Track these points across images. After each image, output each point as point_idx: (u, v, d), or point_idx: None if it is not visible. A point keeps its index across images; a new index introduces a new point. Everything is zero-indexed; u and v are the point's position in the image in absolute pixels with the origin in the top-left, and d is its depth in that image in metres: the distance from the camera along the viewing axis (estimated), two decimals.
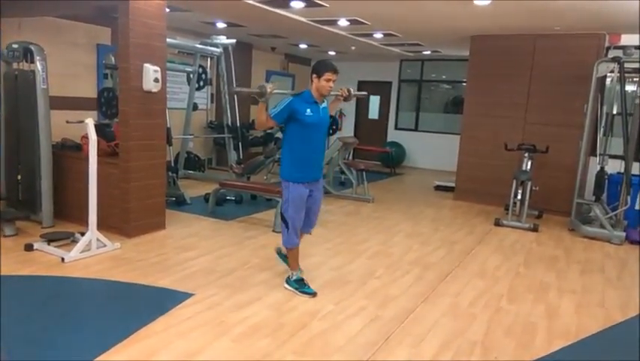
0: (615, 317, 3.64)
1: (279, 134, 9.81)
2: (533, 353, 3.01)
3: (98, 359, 2.66)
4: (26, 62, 4.86)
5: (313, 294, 3.66)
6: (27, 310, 3.20)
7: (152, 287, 3.69)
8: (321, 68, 3.50)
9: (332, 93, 3.75)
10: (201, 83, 8.02)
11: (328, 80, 3.47)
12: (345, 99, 3.89)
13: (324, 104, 3.62)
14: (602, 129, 6.28)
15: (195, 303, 3.43)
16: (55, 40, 6.40)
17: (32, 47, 4.81)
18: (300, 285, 3.71)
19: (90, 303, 3.52)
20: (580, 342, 3.20)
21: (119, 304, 3.44)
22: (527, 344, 3.12)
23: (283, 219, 3.65)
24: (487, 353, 2.98)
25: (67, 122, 4.49)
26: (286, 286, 3.76)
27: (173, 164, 7.02)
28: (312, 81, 3.54)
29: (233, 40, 7.90)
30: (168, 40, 5.47)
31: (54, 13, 6.22)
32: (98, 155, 4.37)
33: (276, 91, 3.58)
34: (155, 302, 3.45)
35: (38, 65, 4.80)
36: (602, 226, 5.78)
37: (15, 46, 4.86)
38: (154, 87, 4.78)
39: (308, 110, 3.47)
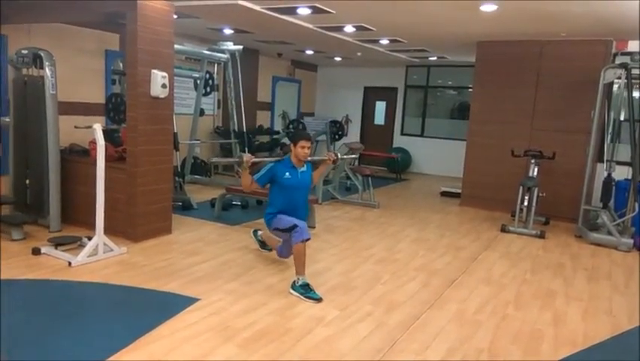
0: (623, 324, 3.61)
1: (286, 140, 9.84)
2: None
3: None
4: (35, 67, 4.90)
5: (319, 299, 3.66)
6: (34, 314, 3.22)
7: (158, 292, 3.70)
8: (296, 137, 4.08)
9: (317, 158, 4.45)
10: (208, 89, 8.06)
11: (302, 147, 3.98)
12: (334, 162, 4.32)
13: (303, 168, 4.10)
14: (609, 136, 6.25)
15: (201, 308, 3.43)
16: (64, 46, 6.47)
17: (41, 53, 4.86)
18: (306, 290, 3.71)
19: (96, 307, 3.53)
20: (587, 350, 3.18)
21: (125, 309, 3.45)
22: (534, 352, 3.11)
23: (291, 229, 3.85)
24: None
25: (76, 127, 4.54)
26: (292, 291, 3.77)
27: (179, 169, 7.05)
28: (290, 149, 4.06)
29: (240, 47, 7.95)
30: (176, 46, 5.51)
31: (63, 20, 6.29)
32: (106, 160, 4.40)
33: (255, 159, 4.05)
34: (160, 307, 3.46)
35: (47, 71, 4.84)
36: (610, 233, 5.74)
37: (24, 52, 4.91)
38: (161, 93, 4.82)
39: (287, 173, 4.01)
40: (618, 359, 3.19)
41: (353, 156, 5.37)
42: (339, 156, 4.35)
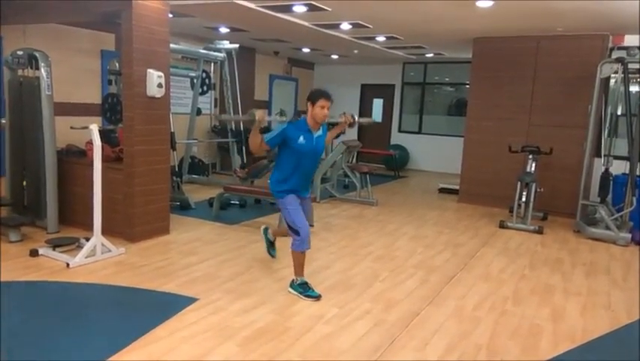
0: (621, 319, 3.61)
1: None
2: (539, 356, 3.00)
3: None
4: (31, 68, 4.89)
5: (317, 297, 3.66)
6: (32, 316, 3.21)
7: (157, 292, 3.70)
8: (315, 94, 3.59)
9: (333, 120, 3.84)
10: (205, 88, 8.06)
11: (322, 107, 3.55)
12: (350, 125, 3.92)
13: (319, 133, 3.70)
14: (606, 130, 6.26)
15: (200, 307, 3.43)
16: (60, 47, 6.44)
17: (37, 54, 4.84)
18: (304, 288, 3.71)
19: (95, 308, 3.53)
20: (586, 345, 3.18)
21: (123, 310, 3.44)
22: (533, 347, 3.11)
23: (293, 230, 3.67)
24: (493, 356, 2.97)
25: (72, 128, 4.52)
26: (290, 290, 3.76)
27: (177, 169, 7.04)
28: (307, 109, 3.62)
29: (236, 45, 7.93)
30: (171, 45, 5.49)
31: (58, 20, 6.26)
32: (103, 160, 4.39)
33: (268, 118, 3.61)
34: (159, 307, 3.46)
35: (43, 72, 4.83)
36: (608, 228, 5.75)
37: (20, 53, 4.89)
38: (157, 93, 4.81)
39: (301, 137, 3.57)
40: (617, 353, 3.19)
41: (370, 119, 4.90)
42: (356, 118, 3.92)
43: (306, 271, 3.86)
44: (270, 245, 4.48)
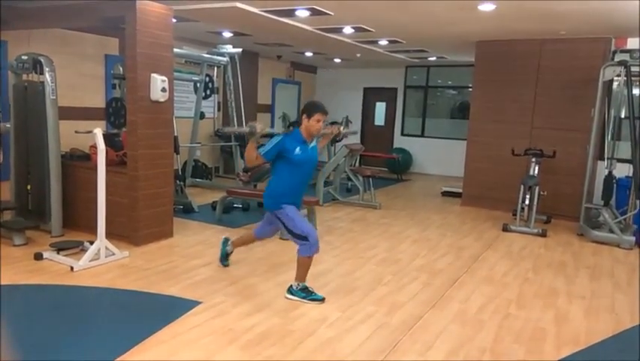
0: (625, 322, 3.60)
1: None
2: (543, 360, 2.99)
3: None
4: (35, 73, 4.92)
5: (322, 300, 3.67)
6: (36, 319, 3.22)
7: (160, 295, 3.70)
8: (311, 108, 3.65)
9: (322, 132, 3.91)
10: (208, 92, 8.07)
11: (318, 121, 3.61)
12: (336, 137, 4.10)
13: (313, 144, 3.76)
14: (609, 133, 6.25)
15: (203, 311, 3.44)
16: (64, 52, 6.48)
17: (41, 59, 4.87)
18: (307, 293, 3.70)
19: (98, 312, 3.53)
20: (589, 348, 3.18)
21: (127, 313, 3.45)
22: (536, 351, 3.10)
23: (301, 237, 3.64)
24: (496, 360, 2.96)
25: (76, 132, 4.54)
26: (289, 296, 3.71)
27: (180, 172, 7.06)
28: (301, 121, 3.68)
29: (240, 49, 7.96)
30: (175, 50, 5.52)
31: (62, 25, 6.30)
32: (107, 164, 4.41)
33: (266, 130, 3.77)
34: (163, 310, 3.47)
35: (47, 76, 4.86)
36: (611, 231, 5.73)
37: (24, 57, 4.93)
38: (161, 97, 4.83)
39: (297, 148, 3.61)
40: (621, 356, 3.18)
41: (354, 130, 5.32)
42: (342, 130, 4.11)
43: (309, 274, 3.85)
44: (226, 257, 4.40)
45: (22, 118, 5.09)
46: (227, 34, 7.98)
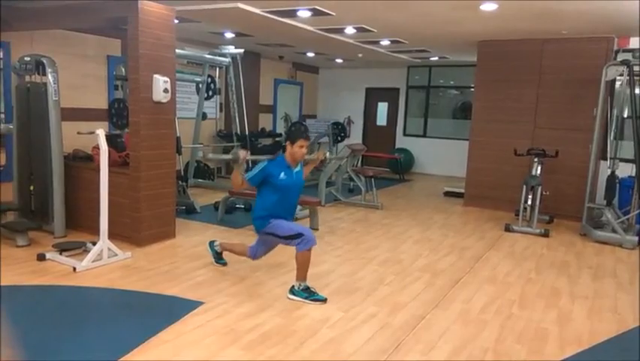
0: (628, 322, 3.59)
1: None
2: (545, 360, 2.99)
3: None
4: (38, 74, 4.93)
5: (324, 300, 3.67)
6: (39, 319, 3.23)
7: (163, 296, 3.71)
8: (294, 135, 3.83)
9: (308, 157, 4.10)
10: (210, 93, 8.09)
11: (301, 147, 3.76)
12: (322, 162, 4.28)
13: (297, 168, 3.89)
14: (612, 133, 6.24)
15: (205, 311, 3.44)
16: (67, 53, 6.50)
17: (44, 60, 4.89)
18: (310, 293, 3.70)
19: (101, 312, 3.54)
20: (592, 348, 3.17)
21: (129, 313, 3.46)
22: (539, 351, 3.10)
23: (296, 236, 3.68)
24: (499, 360, 2.96)
25: (79, 133, 4.55)
26: (292, 296, 3.72)
27: (182, 173, 7.07)
28: (286, 147, 3.84)
29: (242, 50, 7.97)
30: (177, 50, 5.53)
31: (65, 26, 6.32)
32: (109, 165, 4.42)
33: (249, 157, 3.91)
34: (165, 311, 3.48)
35: (50, 78, 4.87)
36: (614, 231, 5.72)
37: (27, 59, 4.94)
38: (163, 98, 4.84)
39: (282, 173, 3.75)
40: (624, 357, 3.17)
41: (343, 156, 5.41)
42: (327, 156, 4.32)
43: (311, 274, 3.87)
44: (218, 256, 4.43)
45: (25, 119, 5.10)
46: (229, 35, 7.99)
